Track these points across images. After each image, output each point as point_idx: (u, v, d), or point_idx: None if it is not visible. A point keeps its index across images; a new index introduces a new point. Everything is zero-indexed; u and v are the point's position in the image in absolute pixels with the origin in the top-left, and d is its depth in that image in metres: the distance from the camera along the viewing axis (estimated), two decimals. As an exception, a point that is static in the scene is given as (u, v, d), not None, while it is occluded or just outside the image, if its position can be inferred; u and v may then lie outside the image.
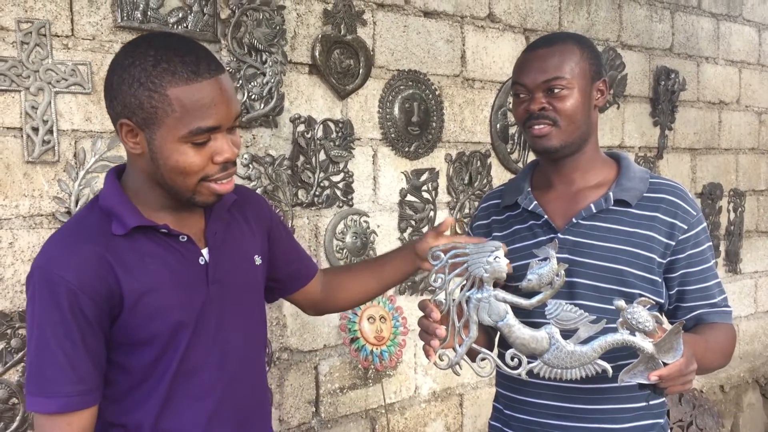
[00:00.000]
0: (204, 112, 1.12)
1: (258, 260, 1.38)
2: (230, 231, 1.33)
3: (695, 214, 1.45)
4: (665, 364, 1.17)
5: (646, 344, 1.18)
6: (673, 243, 1.42)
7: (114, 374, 1.20)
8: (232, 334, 1.28)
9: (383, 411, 2.72)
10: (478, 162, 2.99)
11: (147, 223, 1.19)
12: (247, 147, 2.35)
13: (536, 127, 1.44)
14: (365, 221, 2.65)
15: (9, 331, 1.89)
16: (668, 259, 1.43)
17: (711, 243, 1.49)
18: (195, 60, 1.13)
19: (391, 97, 2.70)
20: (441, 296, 1.32)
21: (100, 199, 1.22)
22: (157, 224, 1.20)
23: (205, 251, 1.26)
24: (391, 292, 2.72)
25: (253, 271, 1.36)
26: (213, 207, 1.29)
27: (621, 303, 1.20)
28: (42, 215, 1.96)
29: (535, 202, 1.52)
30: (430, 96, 2.81)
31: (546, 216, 1.49)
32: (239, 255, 1.33)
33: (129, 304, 1.16)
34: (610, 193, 1.45)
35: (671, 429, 3.36)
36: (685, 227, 1.43)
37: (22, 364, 1.89)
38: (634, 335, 1.19)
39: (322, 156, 2.51)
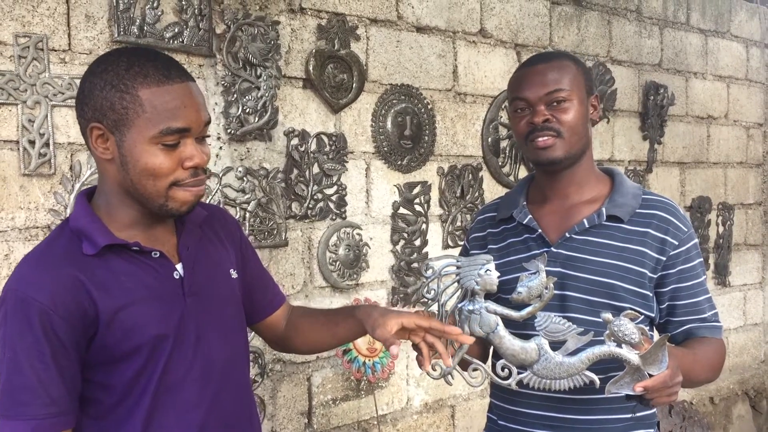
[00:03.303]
0: (174, 113, 1.14)
1: (234, 274, 1.37)
2: (203, 246, 1.33)
3: (686, 230, 1.48)
4: (651, 376, 1.20)
5: (631, 356, 1.20)
6: (664, 258, 1.45)
7: (95, 393, 1.19)
8: (213, 346, 1.27)
9: (375, 422, 2.73)
10: (470, 175, 3.03)
11: (117, 241, 1.18)
12: (242, 160, 2.37)
13: (540, 139, 1.46)
14: (358, 234, 2.67)
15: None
16: (659, 274, 1.45)
17: (702, 259, 1.51)
18: (166, 65, 1.16)
19: (384, 111, 2.73)
20: (433, 308, 1.35)
21: (69, 221, 1.21)
22: (128, 242, 1.19)
23: (179, 266, 1.25)
24: (383, 303, 2.74)
25: (229, 284, 1.35)
26: (185, 222, 1.29)
27: (608, 316, 1.23)
28: (38, 227, 1.98)
29: (530, 215, 1.54)
30: (423, 110, 2.84)
31: (540, 230, 1.51)
32: (214, 268, 1.33)
33: (105, 321, 1.15)
34: (603, 209, 1.48)
35: (661, 441, 3.38)
36: (676, 243, 1.45)
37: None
38: (621, 347, 1.22)
39: (315, 169, 2.54)
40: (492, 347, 1.38)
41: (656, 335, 1.45)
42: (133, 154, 1.14)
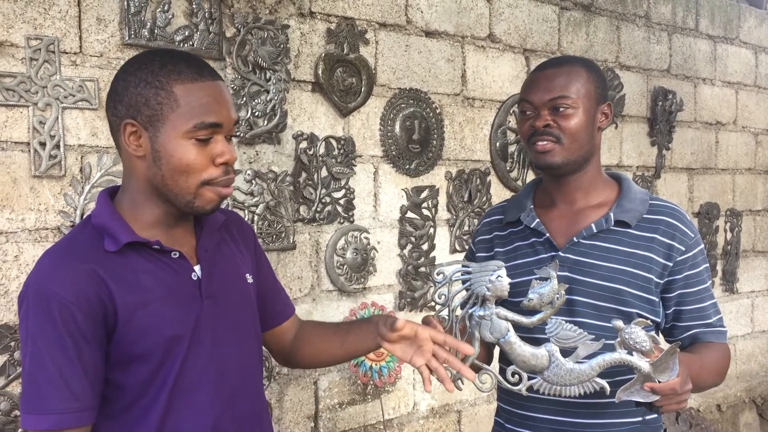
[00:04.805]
0: (207, 108, 1.17)
1: (250, 278, 1.38)
2: (221, 249, 1.34)
3: (693, 236, 1.48)
4: None
5: (642, 364, 1.20)
6: (671, 264, 1.45)
7: (109, 392, 1.19)
8: (228, 349, 1.28)
9: (382, 427, 2.72)
10: (478, 180, 3.02)
11: (139, 239, 1.20)
12: (251, 163, 2.37)
13: (540, 143, 1.48)
14: (366, 237, 2.67)
15: (12, 344, 1.91)
16: (666, 279, 1.46)
17: (708, 264, 1.52)
18: (198, 64, 1.21)
19: (392, 115, 2.73)
20: (444, 313, 1.35)
21: (92, 218, 1.23)
22: (149, 240, 1.21)
23: (197, 268, 1.27)
24: (390, 307, 2.74)
25: (245, 288, 1.36)
26: (204, 225, 1.31)
27: (619, 323, 1.23)
28: (47, 229, 1.98)
29: (538, 219, 1.54)
30: (431, 114, 2.84)
31: (548, 234, 1.52)
32: (231, 272, 1.34)
33: (123, 318, 1.16)
34: (611, 214, 1.48)
35: (668, 448, 3.37)
36: (683, 249, 1.46)
37: (25, 376, 1.91)
38: (632, 355, 1.22)
39: (323, 172, 2.54)
40: (497, 349, 1.38)
41: (661, 341, 1.46)
42: (167, 150, 1.17)
